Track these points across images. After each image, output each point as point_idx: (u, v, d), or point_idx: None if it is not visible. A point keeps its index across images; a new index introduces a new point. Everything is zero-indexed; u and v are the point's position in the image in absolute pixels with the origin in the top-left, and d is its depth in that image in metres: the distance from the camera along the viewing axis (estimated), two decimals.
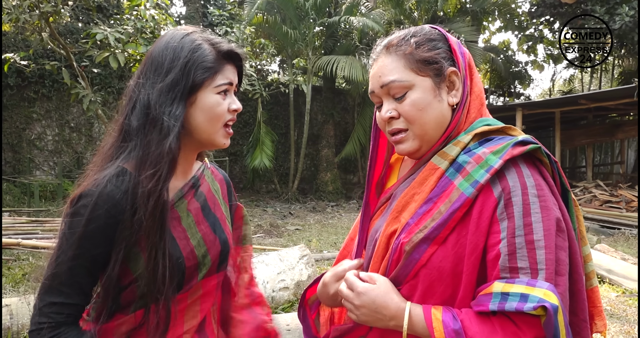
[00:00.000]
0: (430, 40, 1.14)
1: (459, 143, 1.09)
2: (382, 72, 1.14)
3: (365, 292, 1.05)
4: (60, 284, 1.08)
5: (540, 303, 0.89)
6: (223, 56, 1.21)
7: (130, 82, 1.21)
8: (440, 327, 0.97)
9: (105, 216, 1.07)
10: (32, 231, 6.28)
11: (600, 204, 11.45)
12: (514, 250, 0.96)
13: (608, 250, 6.78)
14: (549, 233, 0.96)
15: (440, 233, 1.01)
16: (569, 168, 18.90)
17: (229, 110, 1.20)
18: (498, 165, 1.00)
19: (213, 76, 1.17)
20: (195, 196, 1.27)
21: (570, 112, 13.62)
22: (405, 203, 1.11)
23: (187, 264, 1.18)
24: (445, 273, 1.01)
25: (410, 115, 1.10)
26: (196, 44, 1.17)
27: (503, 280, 0.95)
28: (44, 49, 10.60)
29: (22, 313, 3.68)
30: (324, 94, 15.71)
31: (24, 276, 5.48)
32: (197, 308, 1.23)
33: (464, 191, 1.02)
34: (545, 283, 0.92)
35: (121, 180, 1.10)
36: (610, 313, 4.75)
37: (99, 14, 12.11)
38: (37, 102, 11.97)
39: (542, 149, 1.04)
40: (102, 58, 6.61)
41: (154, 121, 1.13)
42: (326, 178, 15.41)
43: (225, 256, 1.29)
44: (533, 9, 16.59)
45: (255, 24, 13.13)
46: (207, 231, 1.25)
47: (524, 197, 0.98)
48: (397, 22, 14.61)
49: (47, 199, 11.06)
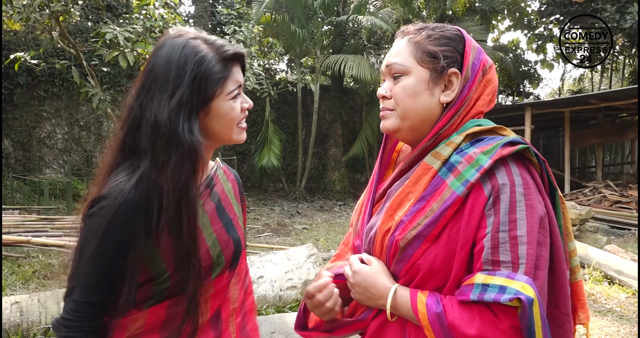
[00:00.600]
0: (444, 37, 1.17)
1: (451, 143, 1.13)
2: (391, 53, 1.21)
3: (358, 271, 1.16)
4: (81, 284, 1.11)
5: (517, 295, 0.95)
6: (229, 60, 1.20)
7: (129, 97, 1.18)
8: (423, 309, 1.04)
9: (125, 218, 1.08)
10: (42, 229, 6.31)
11: (610, 204, 11.36)
12: (497, 244, 1.01)
13: (618, 251, 6.72)
14: (532, 230, 1.01)
15: (432, 230, 1.06)
16: (578, 168, 18.79)
17: (241, 110, 1.22)
18: (488, 165, 1.04)
19: (223, 84, 1.17)
20: (210, 196, 1.28)
21: (580, 112, 13.52)
22: (400, 202, 1.15)
23: (203, 264, 1.18)
24: (437, 269, 1.06)
25: (397, 97, 1.17)
26: (200, 55, 1.15)
27: (485, 272, 1.01)
28: (54, 48, 10.66)
29: (32, 310, 3.71)
30: (332, 93, 15.70)
31: (34, 274, 5.53)
32: (207, 306, 1.23)
33: (456, 190, 1.06)
34: (524, 276, 0.98)
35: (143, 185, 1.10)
36: (620, 315, 4.71)
37: (109, 13, 12.17)
38: (47, 101, 12.06)
39: (530, 149, 1.09)
40: (111, 57, 6.65)
41: (170, 140, 1.11)
42: (334, 177, 15.41)
43: (237, 256, 1.29)
44: (543, 8, 16.50)
45: (264, 22, 13.14)
46: (221, 232, 1.25)
47: (512, 195, 1.03)
48: (406, 21, 14.58)
49: (57, 197, 11.14)
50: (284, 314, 3.92)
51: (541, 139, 20.23)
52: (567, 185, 12.76)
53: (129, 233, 1.09)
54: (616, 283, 5.64)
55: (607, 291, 5.38)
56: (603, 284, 5.67)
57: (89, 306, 1.11)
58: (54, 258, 6.14)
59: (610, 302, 5.10)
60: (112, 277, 1.12)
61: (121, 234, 1.09)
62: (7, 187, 10.58)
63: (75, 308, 1.11)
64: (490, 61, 1.21)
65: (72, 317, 1.11)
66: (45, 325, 3.70)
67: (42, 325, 3.70)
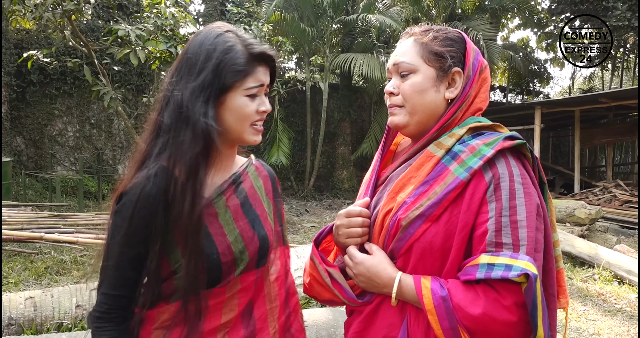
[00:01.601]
0: (448, 39, 1.28)
1: (453, 135, 1.23)
2: (398, 53, 1.30)
3: (361, 262, 1.22)
4: (109, 277, 1.17)
5: (524, 271, 1.02)
6: (255, 57, 1.21)
7: (166, 79, 1.24)
8: (429, 294, 1.10)
9: (145, 213, 1.13)
10: (54, 225, 6.38)
11: (620, 204, 11.29)
12: (500, 228, 1.09)
13: (628, 251, 6.69)
14: (531, 215, 1.10)
15: (434, 211, 1.14)
16: (588, 168, 18.67)
17: (257, 111, 1.23)
18: (490, 154, 1.14)
19: (243, 78, 1.19)
20: (236, 192, 1.29)
21: (590, 111, 13.45)
22: (402, 185, 1.23)
23: (224, 259, 1.20)
24: (435, 248, 1.14)
25: (406, 93, 1.26)
26: (229, 45, 1.19)
27: (489, 253, 1.08)
28: (66, 46, 10.75)
29: (46, 306, 3.77)
30: (341, 92, 15.70)
31: (46, 270, 5.60)
32: (234, 302, 1.24)
33: (459, 175, 1.15)
34: (526, 256, 1.06)
35: (160, 178, 1.14)
36: (630, 315, 4.70)
37: (120, 11, 12.24)
38: (58, 99, 12.16)
39: (526, 144, 1.20)
40: (122, 55, 6.70)
41: (187, 120, 1.15)
42: (342, 175, 15.42)
43: (264, 253, 1.29)
44: (553, 6, 16.41)
45: (273, 21, 13.17)
46: (245, 228, 1.26)
47: (511, 183, 1.12)
48: (415, 19, 14.55)
49: (68, 194, 11.24)
50: None
51: (551, 138, 20.11)
52: (576, 184, 12.70)
53: (149, 227, 1.14)
54: (626, 283, 5.62)
55: (617, 291, 5.36)
56: (613, 284, 5.65)
57: (117, 298, 1.17)
58: (66, 255, 6.21)
59: (620, 301, 5.08)
60: (139, 271, 1.17)
61: (142, 228, 1.14)
62: (19, 184, 10.69)
63: (104, 300, 1.17)
64: (485, 62, 1.32)
65: (102, 309, 1.17)
66: (59, 320, 3.75)
67: (56, 319, 3.75)
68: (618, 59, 18.67)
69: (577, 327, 4.36)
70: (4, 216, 6.39)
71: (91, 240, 5.77)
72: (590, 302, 5.06)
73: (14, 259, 5.98)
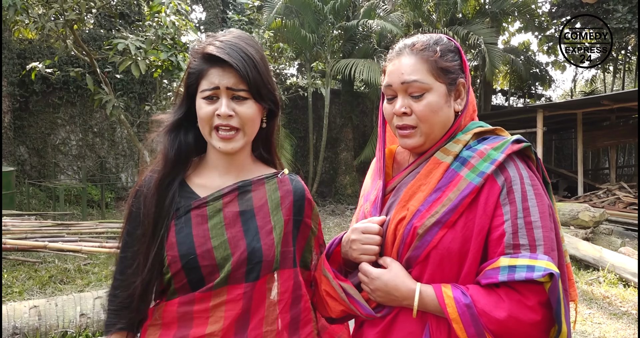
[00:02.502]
0: (450, 51, 1.28)
1: (459, 141, 1.25)
2: (405, 70, 1.24)
3: (377, 277, 1.21)
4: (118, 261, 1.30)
5: (547, 271, 1.04)
6: (205, 59, 1.20)
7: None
8: (452, 303, 1.10)
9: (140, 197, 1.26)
10: (58, 234, 6.40)
11: (624, 206, 11.25)
12: (517, 230, 1.11)
13: (633, 253, 6.66)
14: (544, 215, 1.13)
15: (451, 217, 1.15)
16: (591, 170, 18.61)
17: (218, 115, 1.20)
18: (501, 158, 1.16)
19: (197, 81, 1.22)
20: (240, 199, 1.27)
21: (592, 114, 13.41)
22: (412, 193, 1.23)
23: (202, 262, 1.20)
24: (453, 253, 1.14)
25: (423, 115, 1.23)
26: (193, 51, 1.24)
27: (508, 256, 1.10)
28: (68, 56, 10.80)
29: (50, 314, 3.77)
30: (343, 98, 15.72)
31: (50, 279, 5.61)
32: (220, 314, 1.20)
33: (472, 180, 1.16)
34: (545, 256, 1.08)
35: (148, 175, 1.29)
36: (635, 317, 4.67)
37: (121, 21, 12.32)
38: (61, 108, 12.21)
39: (531, 147, 1.22)
40: (124, 67, 6.75)
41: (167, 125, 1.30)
42: (345, 181, 15.42)
43: (254, 266, 1.22)
44: (553, 9, 16.43)
45: (274, 28, 13.20)
46: (237, 236, 1.23)
47: (522, 186, 1.15)
48: (416, 24, 14.57)
49: (72, 203, 11.27)
50: None
51: (553, 141, 20.07)
52: (580, 187, 12.66)
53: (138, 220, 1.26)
54: (631, 286, 5.59)
55: (623, 293, 5.33)
56: (618, 286, 5.62)
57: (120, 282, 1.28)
58: (70, 263, 6.22)
59: (625, 304, 5.06)
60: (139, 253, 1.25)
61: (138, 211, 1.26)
62: (23, 193, 10.72)
63: (113, 283, 1.29)
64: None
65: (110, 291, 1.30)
66: (63, 329, 3.76)
67: (60, 328, 3.75)
68: (619, 61, 18.67)
69: (582, 331, 4.33)
70: (8, 225, 6.40)
71: (95, 249, 5.78)
72: (595, 305, 5.03)
73: (18, 268, 5.99)
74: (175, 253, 1.20)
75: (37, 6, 7.02)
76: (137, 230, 1.24)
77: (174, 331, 1.20)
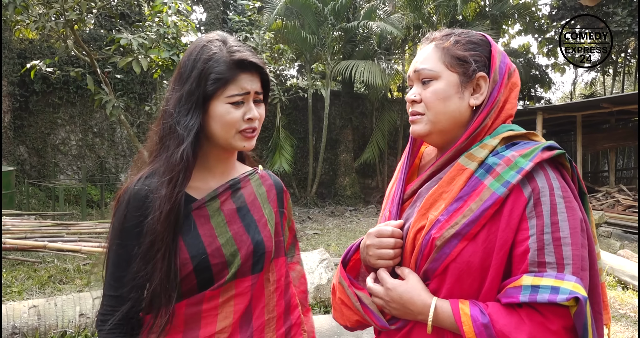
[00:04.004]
0: (471, 42, 1.21)
1: (486, 145, 1.14)
2: (419, 59, 1.23)
3: (393, 288, 1.14)
4: (108, 278, 1.21)
5: (573, 295, 0.95)
6: (237, 65, 1.22)
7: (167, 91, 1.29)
8: (469, 321, 1.02)
9: (134, 211, 1.19)
10: (57, 234, 6.40)
11: (623, 209, 11.26)
12: (542, 246, 1.01)
13: (632, 256, 6.67)
14: (575, 231, 1.02)
15: (471, 229, 1.06)
16: (591, 173, 18.63)
17: (244, 119, 1.23)
18: (529, 167, 1.06)
19: (224, 86, 1.20)
20: (233, 197, 1.31)
21: (592, 116, 13.43)
22: (434, 201, 1.15)
23: (213, 261, 1.21)
24: (473, 267, 1.06)
25: (428, 101, 1.18)
26: (210, 54, 1.21)
27: (532, 274, 1.01)
28: (68, 56, 10.82)
29: (49, 314, 3.77)
30: (343, 99, 15.74)
31: (50, 278, 5.60)
32: (230, 309, 1.23)
33: (496, 190, 1.07)
34: (572, 276, 0.98)
35: (150, 180, 1.22)
36: (634, 320, 4.68)
37: (122, 21, 12.33)
38: (61, 108, 12.22)
39: (565, 154, 1.11)
40: (125, 63, 6.75)
41: (172, 130, 1.21)
42: (344, 182, 15.43)
43: (259, 258, 1.28)
44: (553, 12, 16.46)
45: (275, 29, 13.22)
46: (239, 231, 1.27)
47: (552, 198, 1.04)
48: (416, 26, 14.59)
49: (71, 203, 11.27)
50: None
51: None
52: None
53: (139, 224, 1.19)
54: (630, 288, 5.59)
55: (621, 296, 5.34)
56: (617, 289, 5.63)
57: (115, 299, 1.20)
58: (69, 263, 6.21)
59: (624, 307, 5.06)
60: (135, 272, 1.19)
61: (133, 226, 1.19)
62: (22, 193, 10.72)
63: (105, 302, 1.21)
64: (514, 66, 1.23)
65: (104, 311, 1.21)
66: (62, 329, 3.76)
67: (59, 328, 3.75)
68: (619, 64, 18.69)
69: None
70: (7, 225, 6.41)
71: (94, 249, 5.79)
72: None
73: (17, 268, 5.99)
74: (186, 255, 1.20)
75: (37, 6, 7.03)
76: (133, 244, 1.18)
77: (181, 335, 1.20)
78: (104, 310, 1.20)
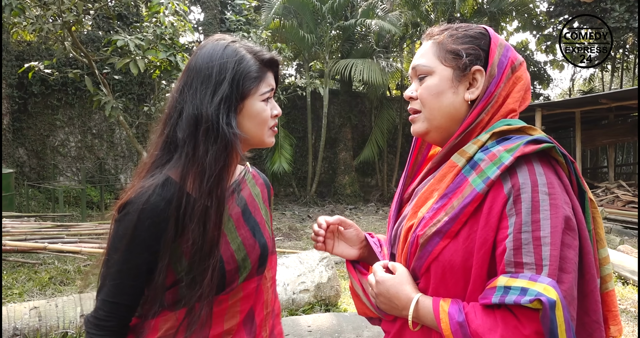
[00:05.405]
0: (467, 36, 1.17)
1: (477, 141, 1.11)
2: (417, 56, 1.22)
3: (381, 281, 1.13)
4: (109, 284, 1.16)
5: (537, 297, 0.90)
6: (265, 63, 1.26)
7: (172, 94, 1.24)
8: (446, 318, 1.00)
9: (149, 225, 1.12)
10: (57, 236, 6.40)
11: (623, 205, 11.27)
12: (520, 246, 0.97)
13: (631, 251, 6.68)
14: (556, 230, 0.97)
15: (452, 227, 1.04)
16: (590, 169, 18.64)
17: (271, 116, 1.27)
18: (508, 162, 1.01)
19: (258, 84, 1.23)
20: (237, 200, 1.31)
21: (590, 112, 13.44)
22: (425, 199, 1.14)
23: (227, 267, 1.21)
24: (456, 267, 1.03)
25: (422, 98, 1.17)
26: (240, 55, 1.22)
27: (508, 274, 0.97)
28: (66, 57, 10.82)
29: (50, 315, 3.78)
30: (341, 98, 15.74)
31: (50, 280, 5.61)
32: (236, 309, 1.26)
33: (476, 187, 1.04)
34: (547, 278, 0.94)
35: (166, 190, 1.14)
36: (634, 315, 4.69)
37: (119, 22, 12.31)
38: (60, 110, 12.22)
39: (556, 148, 1.05)
40: (123, 65, 6.74)
41: (209, 132, 1.15)
42: (344, 181, 15.44)
43: (264, 260, 1.31)
44: (551, 9, 16.46)
45: (272, 28, 13.23)
46: (247, 236, 1.28)
47: (534, 194, 0.99)
48: (414, 24, 14.60)
49: (71, 204, 11.27)
50: (297, 317, 3.94)
51: None
52: None
53: (153, 237, 1.13)
54: (630, 284, 5.61)
55: (622, 291, 5.35)
56: (617, 284, 5.64)
57: (115, 306, 1.16)
58: (70, 264, 6.22)
59: (624, 302, 5.07)
60: (140, 279, 1.17)
61: (145, 239, 1.13)
62: (22, 195, 10.72)
63: (102, 307, 1.16)
64: (521, 58, 1.18)
65: (99, 316, 1.17)
66: (63, 330, 3.76)
67: (60, 329, 3.76)
68: (617, 60, 18.68)
69: None
70: (7, 227, 6.41)
71: (94, 250, 5.79)
72: None
73: (17, 270, 6.00)
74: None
75: (34, 8, 7.03)
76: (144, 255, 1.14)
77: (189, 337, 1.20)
78: (99, 314, 1.16)
